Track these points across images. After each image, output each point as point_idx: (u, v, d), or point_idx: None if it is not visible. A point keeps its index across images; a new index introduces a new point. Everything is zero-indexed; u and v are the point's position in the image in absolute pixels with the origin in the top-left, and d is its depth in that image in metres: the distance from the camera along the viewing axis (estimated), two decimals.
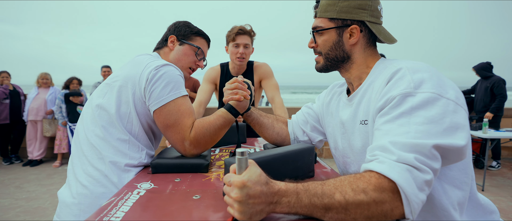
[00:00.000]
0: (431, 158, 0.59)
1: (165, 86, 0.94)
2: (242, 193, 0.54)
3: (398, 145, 0.60)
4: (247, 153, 0.58)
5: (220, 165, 1.05)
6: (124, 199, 0.70)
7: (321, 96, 1.12)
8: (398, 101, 0.66)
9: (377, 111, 0.72)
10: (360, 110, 0.84)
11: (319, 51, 0.91)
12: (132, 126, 0.98)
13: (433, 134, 0.60)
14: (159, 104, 0.94)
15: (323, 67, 0.92)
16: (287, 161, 0.82)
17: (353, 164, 0.89)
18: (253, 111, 1.16)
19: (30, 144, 4.53)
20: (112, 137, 0.94)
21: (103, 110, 0.96)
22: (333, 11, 0.85)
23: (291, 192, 0.57)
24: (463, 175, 0.72)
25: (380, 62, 0.86)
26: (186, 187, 0.80)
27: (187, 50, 1.15)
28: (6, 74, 4.52)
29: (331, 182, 0.59)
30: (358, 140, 0.84)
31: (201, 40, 1.19)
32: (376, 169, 0.59)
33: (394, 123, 0.64)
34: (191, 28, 1.17)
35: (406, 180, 0.55)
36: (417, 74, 0.68)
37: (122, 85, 0.97)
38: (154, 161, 0.94)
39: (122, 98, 0.96)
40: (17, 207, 2.86)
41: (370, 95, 0.81)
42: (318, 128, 1.11)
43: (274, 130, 1.17)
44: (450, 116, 0.62)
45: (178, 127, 0.95)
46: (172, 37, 1.15)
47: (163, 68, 0.96)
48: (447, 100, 0.64)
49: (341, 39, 0.86)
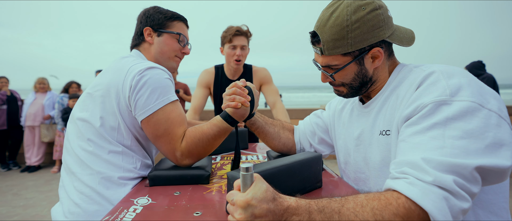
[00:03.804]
0: (471, 181, 0.51)
1: (151, 93, 0.86)
2: (246, 214, 0.49)
3: (433, 163, 0.51)
4: (252, 168, 0.52)
5: (222, 175, 1.00)
6: (119, 218, 0.65)
7: (333, 104, 1.03)
8: (430, 110, 0.58)
9: (404, 120, 0.64)
10: (379, 118, 0.76)
11: (340, 84, 0.81)
12: (124, 138, 0.91)
13: (473, 151, 0.52)
14: (146, 113, 0.86)
15: (348, 96, 0.83)
16: (294, 172, 0.76)
17: (368, 181, 0.80)
18: (258, 119, 1.05)
19: (28, 149, 4.46)
20: (102, 150, 0.88)
21: (87, 123, 0.89)
22: (345, 46, 0.72)
23: (302, 210, 0.51)
24: (501, 199, 0.63)
25: (401, 66, 0.78)
26: (186, 202, 0.75)
27: (168, 40, 1.04)
28: (5, 79, 4.47)
29: (350, 205, 0.52)
30: (376, 154, 0.75)
31: (179, 23, 1.07)
32: (406, 192, 0.51)
33: (425, 135, 0.56)
34: (164, 13, 1.04)
35: (441, 211, 0.48)
36: (453, 79, 0.60)
37: (104, 95, 0.89)
38: (151, 173, 0.88)
39: (107, 109, 0.89)
40: (15, 215, 2.81)
41: (394, 102, 0.72)
42: (326, 140, 1.03)
43: (280, 141, 1.08)
44: (493, 131, 0.54)
45: (168, 137, 0.87)
46: (147, 29, 1.03)
47: (147, 73, 0.87)
48: (489, 111, 0.56)
49: (363, 67, 0.75)
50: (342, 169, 0.94)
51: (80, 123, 0.91)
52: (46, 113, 4.44)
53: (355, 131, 0.84)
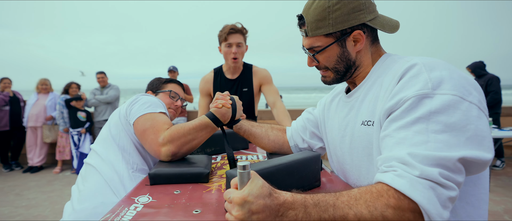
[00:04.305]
0: (456, 171, 0.52)
1: (142, 104, 1.10)
2: (243, 210, 0.50)
3: (419, 158, 0.53)
4: (249, 166, 0.53)
5: (222, 174, 1.01)
6: (120, 216, 0.66)
7: (323, 99, 1.05)
8: (413, 103, 0.59)
9: (387, 112, 0.64)
10: (362, 109, 0.77)
11: (324, 67, 0.83)
12: (124, 144, 1.10)
13: (455, 144, 0.53)
14: (136, 116, 1.06)
15: (334, 81, 0.84)
16: (292, 171, 0.77)
17: (352, 172, 0.81)
18: (244, 123, 1.13)
19: (30, 150, 4.49)
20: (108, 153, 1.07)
21: (103, 138, 1.13)
22: (327, 27, 0.75)
23: (298, 204, 0.52)
24: (480, 191, 0.64)
25: (386, 56, 0.79)
26: (186, 200, 0.76)
27: (162, 97, 1.35)
28: (8, 80, 4.50)
29: (344, 198, 0.53)
30: (358, 143, 0.76)
31: (171, 84, 1.40)
32: (394, 185, 0.52)
33: (410, 130, 0.57)
34: (160, 80, 1.40)
35: (429, 200, 0.50)
36: (435, 71, 0.60)
37: (111, 117, 1.17)
38: (152, 171, 0.90)
39: (111, 123, 1.14)
40: (17, 215, 2.83)
41: (377, 92, 0.73)
42: (317, 134, 1.04)
43: (269, 139, 1.12)
44: (475, 123, 0.55)
45: (153, 129, 1.02)
46: (148, 92, 1.37)
47: (143, 95, 1.15)
48: (470, 104, 0.56)
49: (345, 49, 0.78)
50: (331, 162, 0.95)
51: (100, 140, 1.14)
52: (48, 114, 4.47)
53: (342, 122, 0.85)
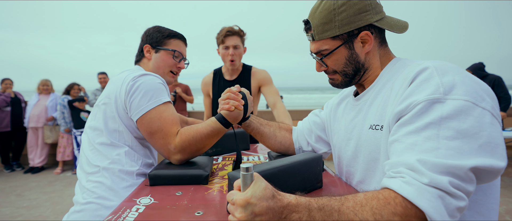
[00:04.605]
0: (467, 181, 0.50)
1: (143, 95, 0.95)
2: (246, 212, 0.49)
3: (428, 165, 0.51)
4: (252, 168, 0.53)
5: (223, 176, 1.01)
6: (122, 218, 0.66)
7: (330, 101, 1.03)
8: (423, 108, 0.57)
9: (396, 116, 0.63)
10: (371, 112, 0.75)
11: (332, 71, 0.82)
12: (125, 139, 1.00)
13: (467, 152, 0.51)
14: (139, 113, 0.94)
15: (342, 84, 0.83)
16: (294, 173, 0.77)
17: (356, 175, 0.80)
18: (253, 121, 1.08)
19: (31, 151, 4.50)
20: (107, 151, 0.97)
21: (96, 130, 1.00)
22: (333, 29, 0.74)
23: (302, 207, 0.52)
24: (490, 200, 0.62)
25: (397, 60, 0.78)
26: (188, 202, 0.76)
27: (164, 56, 1.14)
28: (10, 81, 4.51)
29: (350, 204, 0.52)
30: (364, 147, 0.75)
31: (175, 41, 1.17)
32: (402, 192, 0.51)
33: (420, 135, 0.55)
34: (162, 32, 1.15)
35: (436, 210, 0.48)
36: (447, 76, 0.58)
37: (106, 102, 0.99)
38: (151, 172, 0.90)
39: (108, 114, 0.98)
40: (18, 216, 2.83)
41: (387, 96, 0.71)
42: (323, 138, 1.03)
43: (276, 139, 1.09)
44: (488, 130, 0.52)
45: (162, 132, 0.94)
46: (147, 46, 1.15)
47: (140, 78, 0.96)
48: (483, 110, 0.54)
49: (353, 51, 0.77)
50: (336, 164, 0.94)
51: (90, 132, 1.02)
52: (49, 115, 4.47)
53: (348, 125, 0.84)
